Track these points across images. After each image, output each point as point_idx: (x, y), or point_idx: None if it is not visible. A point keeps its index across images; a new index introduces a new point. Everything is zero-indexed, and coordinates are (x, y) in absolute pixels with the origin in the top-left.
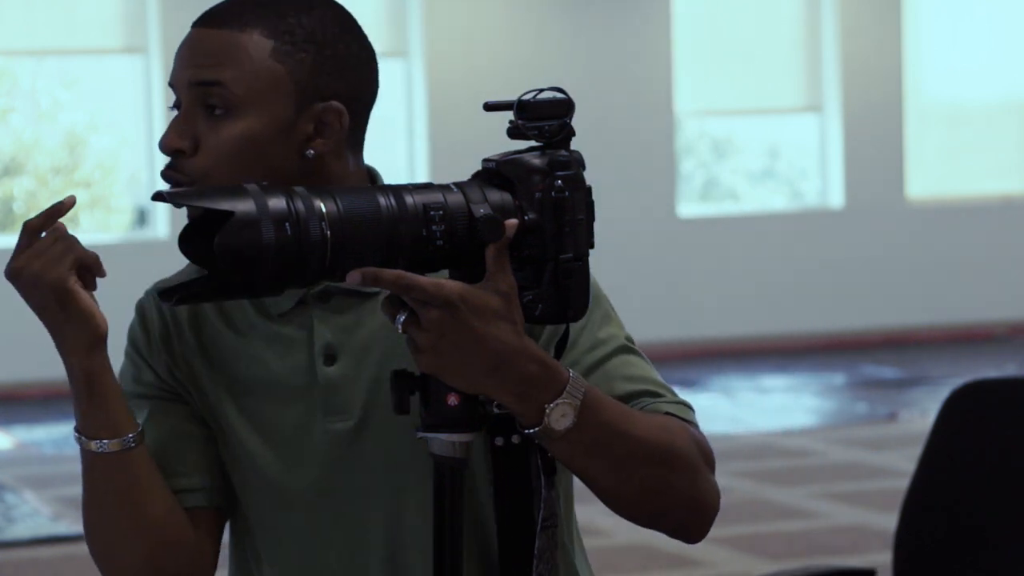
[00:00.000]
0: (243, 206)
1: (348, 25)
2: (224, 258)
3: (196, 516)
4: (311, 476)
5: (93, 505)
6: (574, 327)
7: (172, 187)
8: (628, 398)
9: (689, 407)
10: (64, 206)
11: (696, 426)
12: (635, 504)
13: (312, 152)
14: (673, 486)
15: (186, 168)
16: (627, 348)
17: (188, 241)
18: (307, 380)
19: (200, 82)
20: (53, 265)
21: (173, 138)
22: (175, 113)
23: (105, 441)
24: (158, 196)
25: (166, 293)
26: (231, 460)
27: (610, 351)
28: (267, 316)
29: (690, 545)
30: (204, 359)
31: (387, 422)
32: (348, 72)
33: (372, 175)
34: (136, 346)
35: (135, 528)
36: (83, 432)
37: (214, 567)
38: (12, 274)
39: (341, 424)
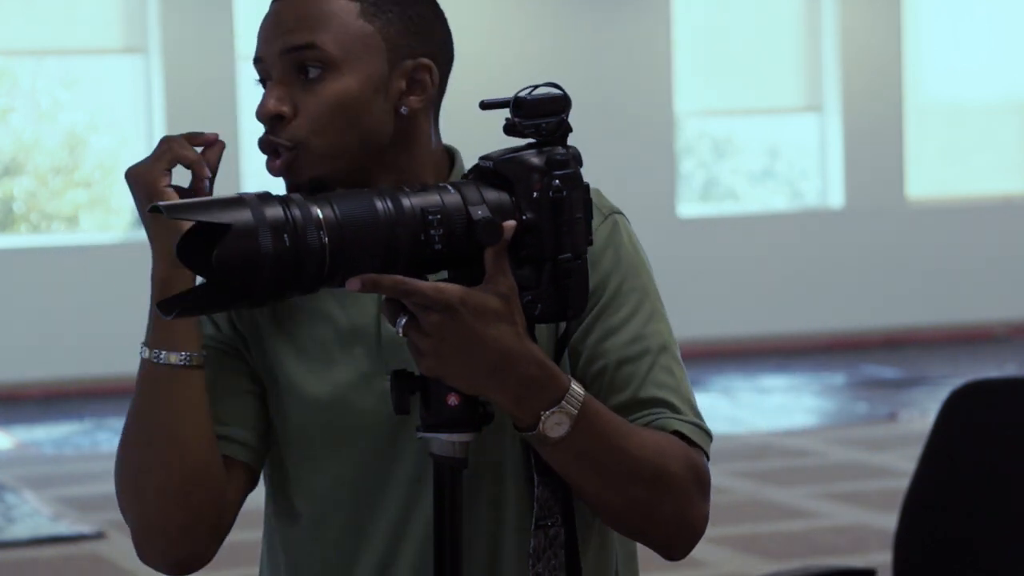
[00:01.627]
0: (240, 217)
1: None
2: (222, 270)
3: (229, 466)
4: (368, 432)
5: (138, 417)
6: (619, 315)
7: (271, 155)
8: (649, 403)
9: (705, 431)
10: (207, 137)
11: (703, 452)
12: (620, 518)
13: (406, 109)
14: (660, 507)
15: (286, 133)
16: (668, 351)
17: (186, 249)
18: (372, 337)
19: (294, 47)
20: (150, 165)
21: (272, 104)
22: (260, 89)
23: (164, 352)
24: (154, 210)
25: (165, 305)
26: (283, 413)
27: (650, 347)
28: None
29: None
30: (272, 314)
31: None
32: (431, 33)
33: (451, 154)
34: None
35: (174, 446)
36: (147, 342)
37: (233, 519)
38: (125, 176)
39: None
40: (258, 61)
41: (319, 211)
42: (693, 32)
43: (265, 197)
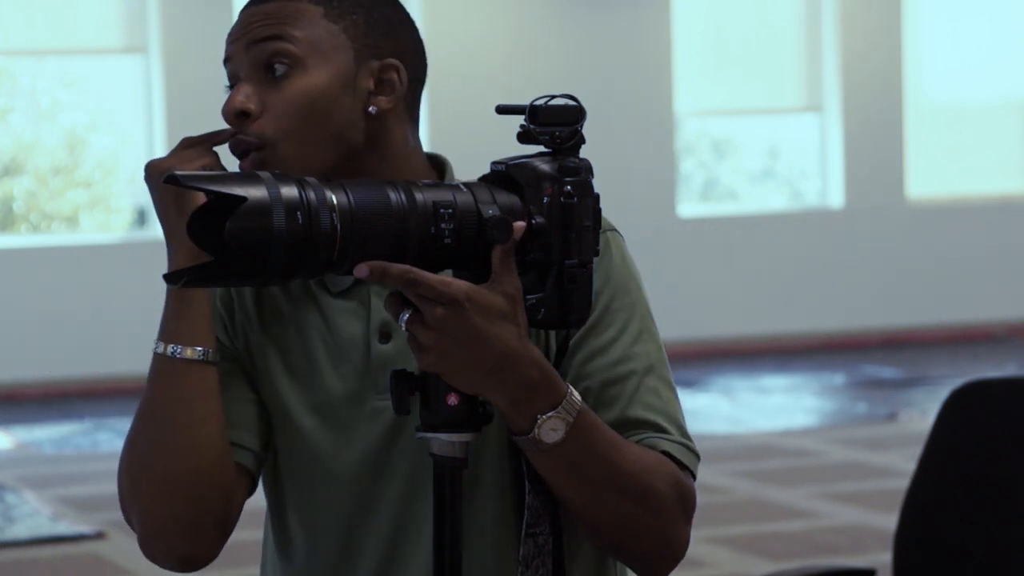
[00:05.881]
0: (256, 192)
1: None
2: (234, 242)
3: (236, 472)
4: (357, 451)
5: (151, 413)
6: (605, 336)
7: (241, 154)
8: (635, 424)
9: (693, 452)
10: (224, 135)
11: (691, 473)
12: (602, 532)
13: (375, 109)
14: (644, 526)
15: (254, 131)
16: (655, 372)
17: (196, 227)
18: (362, 356)
19: (260, 38)
20: (182, 162)
21: (239, 100)
22: (228, 92)
23: (180, 348)
24: (171, 179)
25: (173, 276)
26: (279, 431)
27: (636, 369)
28: (327, 292)
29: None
30: (261, 330)
31: None
32: (397, 34)
33: (441, 163)
34: None
35: (188, 442)
36: (162, 337)
37: (236, 519)
38: (147, 169)
39: (388, 402)
40: (227, 61)
41: (334, 196)
42: (693, 32)
43: (281, 176)
